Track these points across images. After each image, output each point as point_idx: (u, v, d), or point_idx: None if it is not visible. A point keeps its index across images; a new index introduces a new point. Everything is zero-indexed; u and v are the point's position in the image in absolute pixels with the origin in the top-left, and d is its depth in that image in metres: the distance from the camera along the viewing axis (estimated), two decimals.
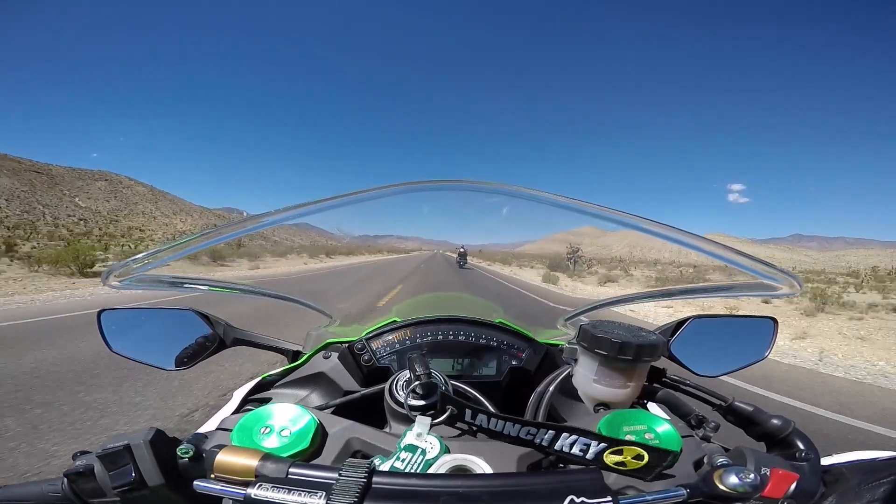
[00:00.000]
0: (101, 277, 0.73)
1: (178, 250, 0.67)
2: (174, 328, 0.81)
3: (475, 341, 0.85)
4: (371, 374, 0.80)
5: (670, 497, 0.38)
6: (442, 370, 0.68)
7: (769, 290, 0.70)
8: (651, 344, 0.54)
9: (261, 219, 0.66)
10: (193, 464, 0.42)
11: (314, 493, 0.35)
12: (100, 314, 0.77)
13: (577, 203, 0.65)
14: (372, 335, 0.85)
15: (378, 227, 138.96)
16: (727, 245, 0.65)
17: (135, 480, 0.40)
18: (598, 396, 0.60)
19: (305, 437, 0.46)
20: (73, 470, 0.42)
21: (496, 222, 0.91)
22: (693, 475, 0.42)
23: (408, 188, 0.66)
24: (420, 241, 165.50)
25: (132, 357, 0.77)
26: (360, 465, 0.38)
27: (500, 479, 0.40)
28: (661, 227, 0.65)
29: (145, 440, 0.41)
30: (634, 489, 0.42)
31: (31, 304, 7.08)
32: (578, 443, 0.42)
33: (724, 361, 0.82)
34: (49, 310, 6.52)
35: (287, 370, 0.85)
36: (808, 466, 0.49)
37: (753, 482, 0.37)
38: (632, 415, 0.51)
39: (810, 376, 4.66)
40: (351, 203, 0.66)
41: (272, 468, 0.39)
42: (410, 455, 0.45)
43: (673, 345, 0.77)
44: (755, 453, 0.44)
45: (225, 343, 0.83)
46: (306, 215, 0.66)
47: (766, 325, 0.85)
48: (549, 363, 0.85)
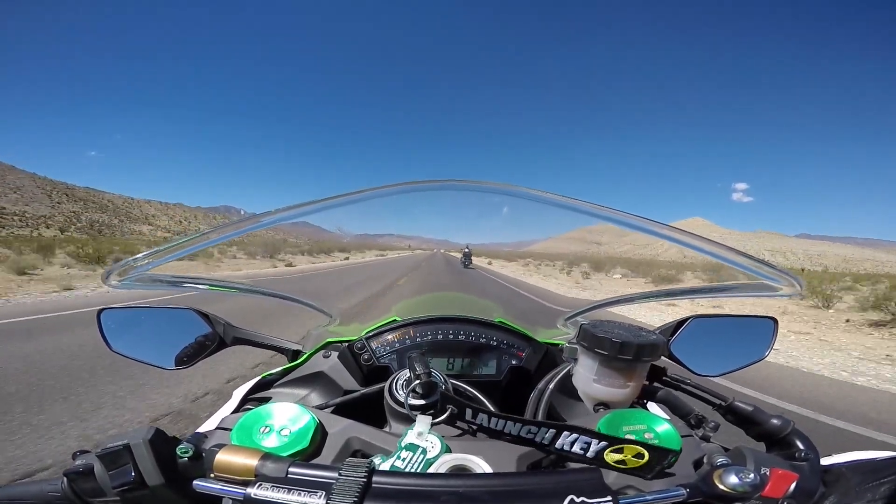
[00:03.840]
0: (101, 277, 0.73)
1: (178, 249, 0.67)
2: (174, 327, 0.81)
3: (475, 341, 0.85)
4: (371, 373, 0.81)
5: (670, 497, 0.38)
6: (442, 369, 0.67)
7: (770, 290, 0.70)
8: (651, 344, 0.54)
9: (260, 218, 0.66)
10: (193, 463, 0.42)
11: (314, 493, 0.35)
12: (100, 313, 0.77)
13: (578, 203, 0.65)
14: (372, 334, 0.85)
15: (378, 226, 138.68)
16: (727, 245, 0.65)
17: (134, 480, 0.40)
18: (597, 396, 0.60)
19: (305, 437, 0.46)
20: (72, 469, 0.42)
21: (498, 222, 0.90)
22: (693, 475, 0.42)
23: (408, 188, 0.66)
24: (420, 241, 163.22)
25: (132, 356, 0.77)
26: (360, 464, 0.38)
27: (500, 479, 0.40)
28: (662, 228, 0.65)
29: (145, 439, 0.41)
30: (634, 489, 0.42)
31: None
32: (579, 441, 0.42)
33: (724, 361, 0.82)
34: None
35: (287, 369, 0.85)
36: (807, 466, 0.49)
37: (753, 482, 0.37)
38: (631, 414, 0.51)
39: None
40: (351, 202, 0.66)
41: (272, 468, 0.39)
42: (411, 454, 0.45)
43: (673, 344, 0.78)
44: (755, 453, 0.44)
45: (225, 342, 0.83)
46: (307, 214, 0.66)
47: (766, 325, 0.86)
48: (548, 363, 0.85)
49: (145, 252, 0.68)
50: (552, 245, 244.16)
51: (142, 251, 0.69)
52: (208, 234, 0.67)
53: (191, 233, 0.68)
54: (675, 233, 0.65)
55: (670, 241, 0.66)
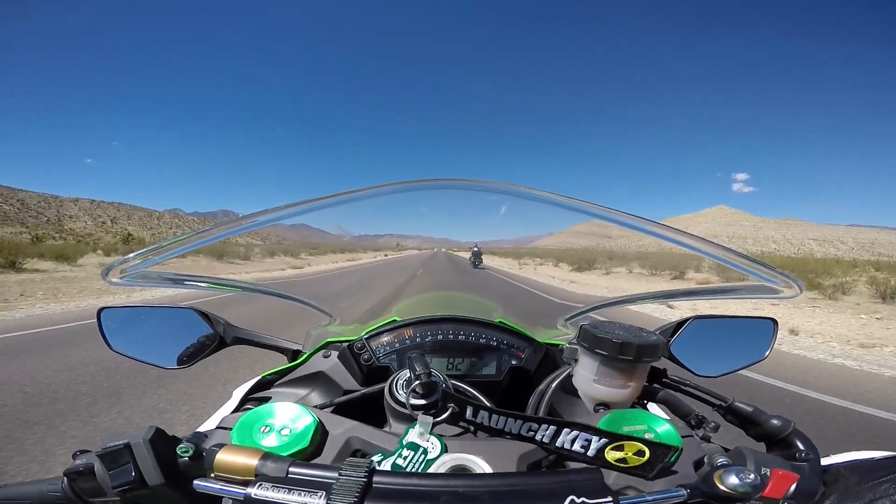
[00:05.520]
0: (101, 274, 0.73)
1: (178, 247, 0.67)
2: (174, 327, 0.81)
3: (475, 341, 0.85)
4: (371, 373, 0.80)
5: (671, 497, 0.38)
6: (442, 370, 0.67)
7: (770, 292, 0.70)
8: (651, 344, 0.54)
9: (257, 217, 0.66)
10: (193, 463, 0.42)
11: (314, 493, 0.35)
12: (100, 313, 0.77)
13: (577, 203, 0.65)
14: (372, 334, 0.85)
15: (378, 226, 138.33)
16: (727, 247, 0.65)
17: (135, 479, 0.40)
18: (598, 396, 0.59)
19: (305, 437, 0.46)
20: (73, 469, 0.42)
21: (497, 220, 0.90)
22: (693, 475, 0.42)
23: (407, 187, 0.66)
24: (420, 240, 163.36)
25: (132, 356, 0.77)
26: (361, 464, 0.38)
27: (500, 479, 0.40)
28: (662, 229, 0.65)
29: (145, 439, 0.41)
30: (635, 489, 0.42)
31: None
32: (580, 439, 0.42)
33: (724, 362, 0.82)
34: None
35: (287, 369, 0.85)
36: (808, 467, 0.49)
37: (753, 482, 0.37)
38: (632, 415, 0.51)
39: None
40: (350, 202, 0.66)
41: (272, 467, 0.39)
42: (412, 453, 0.45)
43: (673, 345, 0.78)
44: (755, 453, 0.44)
45: (225, 342, 0.83)
46: (305, 213, 0.66)
47: (766, 325, 0.86)
48: (549, 363, 0.85)
49: (145, 249, 0.68)
50: (561, 240, 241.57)
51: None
52: (209, 232, 0.67)
53: (190, 230, 0.68)
54: (676, 233, 0.65)
55: (670, 241, 0.66)
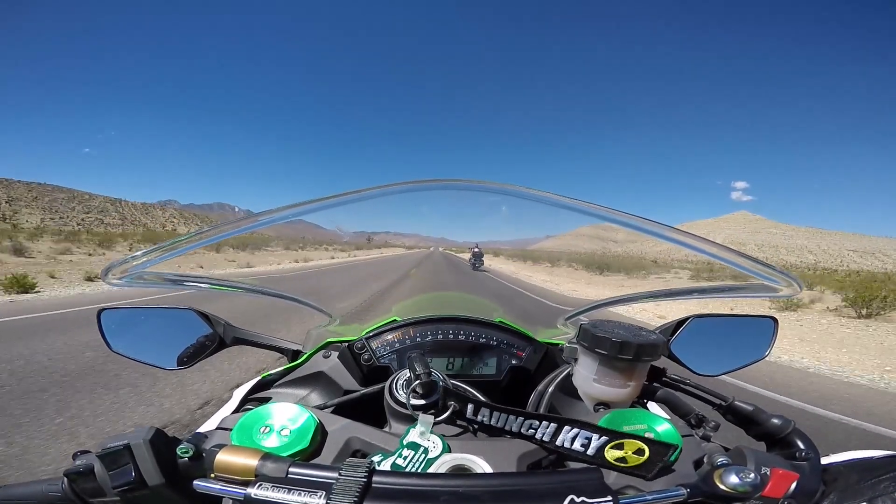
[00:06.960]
0: (100, 274, 0.72)
1: (177, 248, 0.67)
2: (174, 327, 0.81)
3: (475, 340, 0.85)
4: (371, 373, 0.80)
5: (671, 496, 0.38)
6: (442, 369, 0.67)
7: (770, 291, 0.70)
8: (651, 343, 0.54)
9: (258, 217, 0.66)
10: (193, 463, 0.42)
11: (314, 493, 0.35)
12: (99, 313, 0.77)
13: (578, 203, 0.65)
14: (372, 334, 0.85)
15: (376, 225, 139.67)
16: (727, 246, 0.65)
17: (135, 480, 0.40)
18: (598, 396, 0.59)
19: (305, 437, 0.46)
20: (73, 469, 0.42)
21: (495, 221, 0.90)
22: (693, 475, 0.42)
23: (407, 187, 0.66)
24: (417, 239, 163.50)
25: (132, 356, 0.77)
26: (360, 464, 0.38)
27: (500, 479, 0.40)
28: (661, 228, 0.65)
29: (145, 439, 0.41)
30: (634, 489, 0.42)
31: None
32: (580, 436, 0.42)
33: (724, 361, 0.82)
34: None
35: (287, 369, 0.85)
36: (808, 466, 0.49)
37: (754, 482, 0.37)
38: (632, 414, 0.51)
39: None
40: (350, 202, 0.66)
41: (272, 468, 0.39)
42: (413, 453, 0.45)
43: (673, 344, 0.77)
44: (755, 453, 0.44)
45: (225, 342, 0.83)
46: (305, 214, 0.66)
47: (767, 324, 0.86)
48: (549, 362, 0.85)
49: (144, 250, 0.68)
50: (565, 243, 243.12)
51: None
52: (208, 233, 0.67)
53: (190, 231, 0.67)
54: (675, 233, 0.65)
55: (669, 241, 0.66)
